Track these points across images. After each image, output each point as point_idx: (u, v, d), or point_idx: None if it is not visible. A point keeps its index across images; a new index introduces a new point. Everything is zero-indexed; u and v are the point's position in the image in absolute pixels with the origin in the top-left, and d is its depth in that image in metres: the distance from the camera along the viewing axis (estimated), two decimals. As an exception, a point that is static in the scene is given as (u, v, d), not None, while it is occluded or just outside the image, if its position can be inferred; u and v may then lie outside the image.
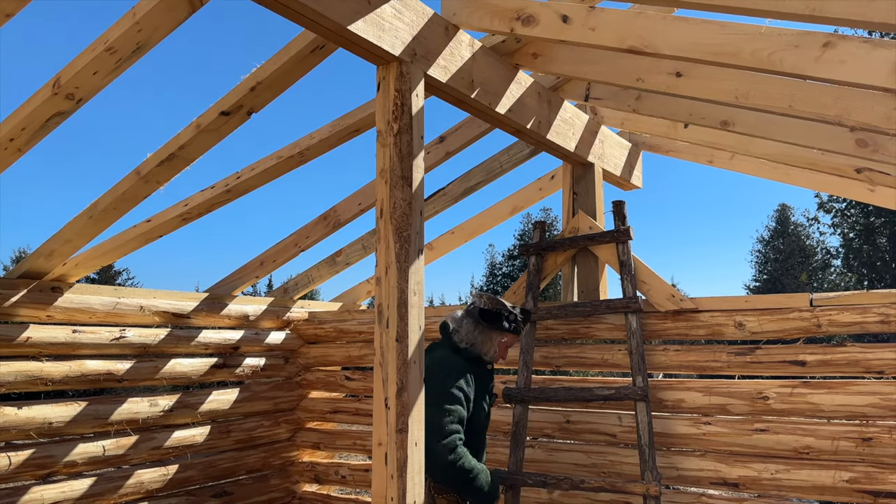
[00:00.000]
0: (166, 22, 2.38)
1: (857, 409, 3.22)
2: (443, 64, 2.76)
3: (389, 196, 2.51)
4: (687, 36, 2.48)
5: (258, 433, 4.82)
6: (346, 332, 4.95)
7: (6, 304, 3.52)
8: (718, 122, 3.47)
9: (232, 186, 3.65)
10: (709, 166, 4.44)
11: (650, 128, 4.15)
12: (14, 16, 2.18)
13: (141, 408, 4.10)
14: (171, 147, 3.07)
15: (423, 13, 2.66)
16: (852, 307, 3.25)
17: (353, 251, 4.98)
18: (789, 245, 29.55)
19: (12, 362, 3.57)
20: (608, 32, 2.62)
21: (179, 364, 4.35)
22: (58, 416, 3.70)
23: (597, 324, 3.80)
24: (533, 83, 3.43)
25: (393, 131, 2.53)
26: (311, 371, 5.14)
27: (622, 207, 3.75)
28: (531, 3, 2.75)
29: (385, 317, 2.49)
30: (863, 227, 22.72)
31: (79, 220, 3.39)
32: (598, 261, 3.97)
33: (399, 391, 2.45)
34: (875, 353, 3.21)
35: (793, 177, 4.20)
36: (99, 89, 2.61)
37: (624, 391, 3.51)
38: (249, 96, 2.88)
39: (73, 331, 3.81)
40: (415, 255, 2.54)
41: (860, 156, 3.25)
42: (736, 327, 3.47)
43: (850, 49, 2.27)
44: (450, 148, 4.02)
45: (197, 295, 4.50)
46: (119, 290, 4.05)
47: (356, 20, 2.32)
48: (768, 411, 3.40)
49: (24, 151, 2.85)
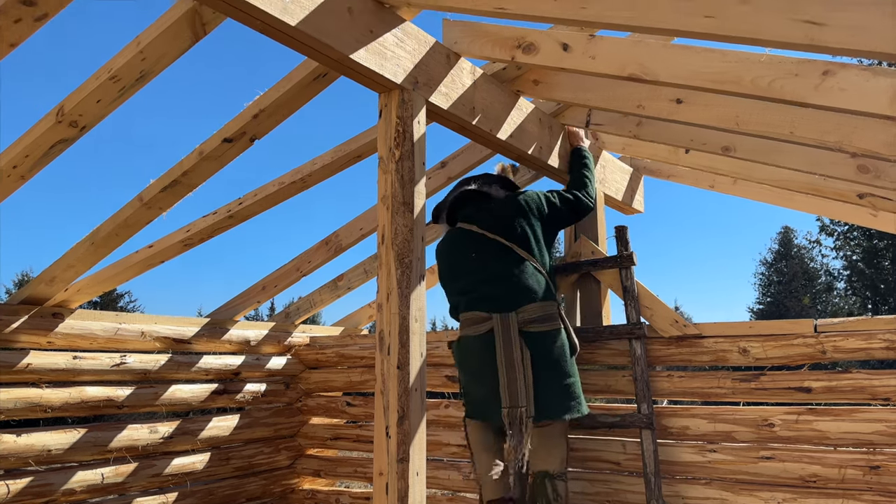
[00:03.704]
0: (170, 50, 2.40)
1: (864, 436, 3.18)
2: (444, 91, 2.78)
3: (391, 222, 2.51)
4: (687, 64, 2.49)
5: (258, 460, 4.78)
6: (348, 356, 4.92)
7: (7, 330, 3.51)
8: (720, 148, 3.47)
9: (234, 212, 3.66)
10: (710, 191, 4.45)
11: (651, 153, 4.16)
12: (18, 45, 2.20)
13: (140, 434, 4.06)
14: (174, 173, 3.08)
15: (424, 42, 2.68)
16: (857, 333, 3.23)
17: (355, 276, 4.98)
18: (792, 268, 29.51)
19: (12, 389, 3.55)
20: (608, 60, 2.63)
21: (180, 390, 4.32)
22: (57, 443, 3.67)
23: (600, 349, 3.78)
24: (534, 109, 3.45)
25: (394, 158, 2.53)
26: (312, 397, 5.11)
27: (625, 232, 3.75)
28: (531, 32, 2.77)
29: (386, 343, 2.48)
30: (866, 250, 22.70)
31: (81, 246, 3.39)
32: (601, 286, 3.95)
33: (400, 419, 2.42)
34: (881, 380, 3.18)
35: (795, 202, 4.20)
36: (102, 117, 2.62)
37: (629, 419, 3.48)
38: (252, 123, 2.89)
39: (73, 357, 3.79)
40: (416, 281, 2.54)
41: (862, 181, 3.25)
42: (740, 353, 3.44)
43: (849, 77, 2.28)
44: (451, 173, 4.04)
45: (198, 320, 4.48)
46: (120, 315, 4.04)
47: (358, 49, 2.34)
48: (774, 438, 3.36)
49: (27, 179, 2.86)
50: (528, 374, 2.95)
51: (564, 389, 3.05)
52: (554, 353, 3.05)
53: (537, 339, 3.02)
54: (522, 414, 2.91)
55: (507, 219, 3.16)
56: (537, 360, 2.99)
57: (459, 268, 3.23)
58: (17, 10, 2.07)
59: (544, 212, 3.23)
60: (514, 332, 3.00)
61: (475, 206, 3.26)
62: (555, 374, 3.04)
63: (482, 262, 3.14)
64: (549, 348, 3.04)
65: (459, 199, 3.31)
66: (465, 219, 3.25)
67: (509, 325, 3.00)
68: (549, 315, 3.08)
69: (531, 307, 3.05)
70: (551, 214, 3.25)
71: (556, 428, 3.12)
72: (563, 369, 3.07)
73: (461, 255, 3.22)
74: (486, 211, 3.23)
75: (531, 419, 2.93)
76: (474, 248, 3.17)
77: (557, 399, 3.02)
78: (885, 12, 1.78)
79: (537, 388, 2.97)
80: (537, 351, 3.01)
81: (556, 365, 3.04)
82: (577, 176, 3.47)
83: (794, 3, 1.90)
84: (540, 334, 3.03)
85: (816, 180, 3.71)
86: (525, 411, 2.91)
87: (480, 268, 3.14)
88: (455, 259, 3.26)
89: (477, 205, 3.26)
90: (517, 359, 2.96)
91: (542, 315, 3.06)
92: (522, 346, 2.98)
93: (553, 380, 3.03)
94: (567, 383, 3.07)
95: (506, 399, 2.94)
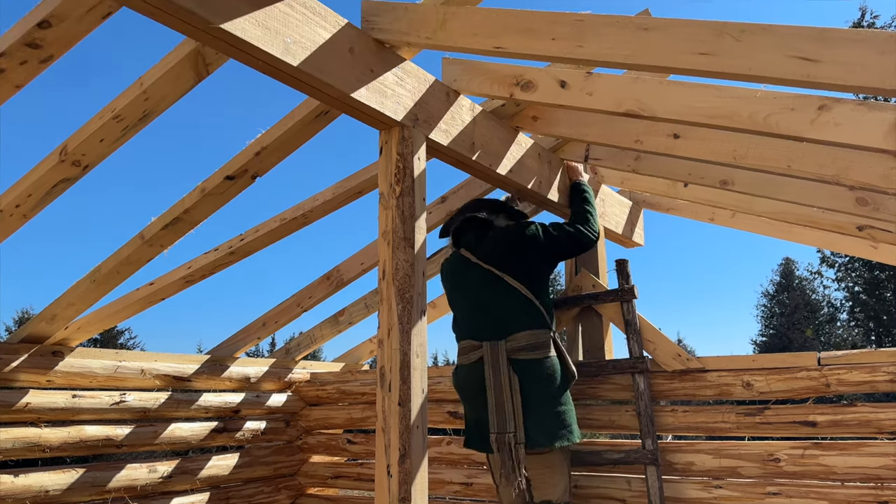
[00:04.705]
0: (173, 91, 2.43)
1: (871, 471, 3.14)
2: (444, 128, 2.80)
3: (392, 257, 2.52)
4: (683, 100, 2.52)
5: (258, 500, 4.71)
6: (349, 393, 4.88)
7: (6, 369, 3.50)
8: (718, 182, 3.49)
9: (235, 248, 3.66)
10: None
11: (650, 186, 4.18)
12: (24, 87, 2.24)
13: (139, 474, 4.01)
14: (176, 211, 3.10)
15: (424, 80, 2.72)
16: (861, 366, 3.21)
17: (356, 310, 4.97)
18: (794, 299, 29.42)
19: (10, 428, 3.52)
20: (605, 97, 2.66)
21: (179, 428, 4.28)
22: (55, 483, 3.62)
23: (603, 384, 3.75)
24: (533, 144, 3.48)
25: (395, 194, 2.55)
26: (313, 434, 5.06)
27: (625, 266, 3.75)
28: (529, 70, 2.81)
29: (387, 380, 2.46)
30: (868, 281, 22.67)
31: (81, 284, 3.39)
32: (603, 319, 3.94)
33: (402, 458, 2.40)
34: (886, 413, 3.15)
35: (795, 234, 4.21)
36: (105, 156, 2.65)
37: (633, 455, 3.44)
38: (254, 161, 2.92)
39: (72, 395, 3.77)
40: (417, 317, 2.53)
41: (861, 214, 3.26)
42: (744, 387, 3.42)
43: (845, 111, 2.30)
44: (452, 208, 4.05)
45: (198, 357, 4.46)
46: (120, 353, 4.03)
47: (359, 88, 2.37)
48: (780, 474, 3.32)
49: (29, 217, 2.88)
50: (517, 400, 2.99)
51: (555, 417, 3.07)
52: (544, 381, 3.08)
53: (526, 367, 3.06)
54: (511, 440, 2.96)
55: (504, 250, 3.24)
56: (526, 388, 3.03)
57: (456, 293, 3.36)
58: (22, 52, 2.11)
59: (542, 243, 3.26)
60: (502, 359, 3.05)
61: (476, 235, 3.34)
62: (544, 402, 3.06)
63: (475, 290, 3.24)
64: (538, 376, 3.07)
65: (465, 224, 3.40)
66: (466, 245, 3.35)
67: (498, 353, 3.06)
68: (540, 343, 3.11)
69: (521, 335, 3.10)
70: (550, 246, 3.28)
71: (555, 457, 3.13)
72: (553, 396, 3.09)
73: (458, 282, 3.35)
74: (484, 240, 3.31)
75: (521, 445, 2.96)
76: (469, 275, 3.27)
77: (547, 426, 3.04)
78: (878, 49, 1.81)
79: (527, 415, 3.00)
80: (526, 378, 3.04)
81: (545, 392, 3.07)
82: (578, 210, 3.49)
83: (789, 40, 1.93)
84: (529, 361, 3.07)
85: (816, 213, 3.72)
86: (514, 437, 2.96)
87: (474, 296, 3.24)
88: (453, 283, 3.39)
89: (479, 233, 3.35)
90: (505, 385, 3.01)
91: (533, 343, 3.10)
92: (510, 373, 3.03)
93: (542, 407, 3.05)
94: (558, 410, 3.09)
95: (493, 425, 2.99)
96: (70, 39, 2.13)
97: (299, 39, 2.14)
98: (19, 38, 2.06)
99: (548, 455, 3.11)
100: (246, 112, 67.86)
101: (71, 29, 2.08)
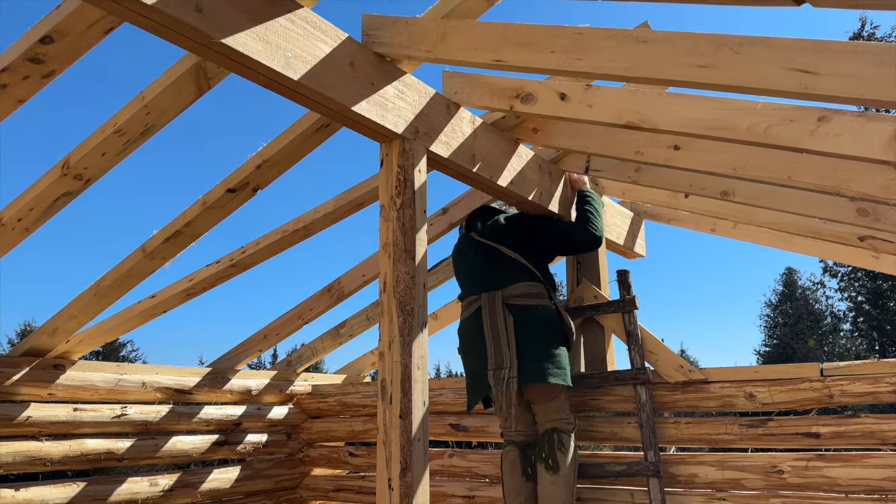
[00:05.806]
0: (174, 105, 2.45)
1: (875, 482, 3.12)
2: (444, 140, 2.81)
3: (393, 270, 2.52)
4: (683, 112, 2.53)
5: (260, 513, 4.69)
6: (350, 405, 4.87)
7: (8, 382, 3.50)
8: (719, 193, 3.49)
9: (237, 261, 3.67)
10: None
11: (651, 198, 4.18)
12: (26, 101, 2.25)
13: (140, 488, 4.00)
14: (178, 224, 3.11)
15: (425, 93, 2.73)
16: (863, 377, 3.19)
17: (357, 322, 4.96)
18: (797, 309, 29.35)
19: (11, 442, 3.52)
20: (605, 109, 2.67)
21: (180, 441, 4.27)
22: (55, 497, 3.61)
23: (605, 395, 3.73)
24: (534, 156, 3.49)
25: (396, 206, 2.55)
26: (314, 447, 5.04)
27: (627, 277, 3.75)
28: (529, 82, 2.82)
29: (388, 393, 2.46)
30: (871, 290, 22.61)
31: (83, 297, 3.39)
32: (605, 330, 3.93)
33: (403, 471, 2.39)
34: (890, 424, 3.13)
35: (797, 245, 4.20)
36: (106, 170, 2.66)
37: (636, 467, 3.42)
38: (256, 174, 2.93)
39: (74, 409, 3.76)
40: (418, 329, 2.53)
41: (862, 224, 3.26)
42: (747, 398, 3.40)
43: (844, 123, 2.30)
44: (453, 219, 4.06)
45: (199, 370, 4.46)
46: (121, 366, 4.02)
47: (360, 101, 2.38)
48: (784, 486, 3.29)
49: (31, 231, 2.88)
50: (512, 339, 3.17)
51: (549, 357, 3.21)
52: (539, 325, 3.24)
53: (521, 311, 3.23)
54: (506, 375, 3.12)
55: (508, 229, 3.48)
56: (522, 330, 3.18)
57: (460, 260, 3.59)
58: (25, 67, 2.13)
59: (543, 229, 3.50)
60: (498, 303, 3.24)
61: (484, 219, 3.63)
62: (540, 344, 3.22)
63: (477, 261, 3.47)
64: (533, 320, 3.23)
65: (477, 212, 3.72)
66: (473, 228, 3.60)
67: (495, 299, 3.26)
68: (535, 293, 3.30)
69: (518, 285, 3.29)
70: (550, 229, 3.51)
71: (553, 391, 3.30)
72: (548, 340, 3.24)
73: (463, 254, 3.58)
74: (490, 223, 3.56)
75: (515, 380, 3.10)
76: (473, 251, 3.50)
77: (542, 364, 3.17)
78: (875, 61, 1.82)
79: (522, 354, 3.14)
80: (521, 321, 3.20)
81: (541, 336, 3.23)
82: (579, 212, 3.61)
83: (787, 53, 1.93)
84: (524, 307, 3.24)
85: (817, 223, 3.72)
86: (508, 372, 3.11)
87: (476, 262, 3.48)
88: (458, 256, 3.62)
89: (486, 218, 3.64)
90: (501, 327, 3.20)
91: (528, 292, 3.29)
92: (506, 316, 3.21)
93: (538, 348, 3.20)
94: (552, 352, 3.23)
95: (491, 362, 3.18)
96: (72, 55, 2.14)
97: (300, 54, 2.15)
98: (22, 53, 2.08)
99: (545, 391, 3.28)
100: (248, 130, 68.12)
101: (73, 44, 2.10)
